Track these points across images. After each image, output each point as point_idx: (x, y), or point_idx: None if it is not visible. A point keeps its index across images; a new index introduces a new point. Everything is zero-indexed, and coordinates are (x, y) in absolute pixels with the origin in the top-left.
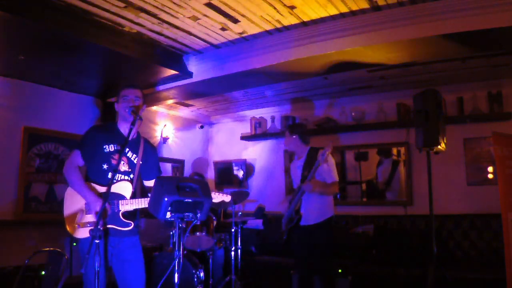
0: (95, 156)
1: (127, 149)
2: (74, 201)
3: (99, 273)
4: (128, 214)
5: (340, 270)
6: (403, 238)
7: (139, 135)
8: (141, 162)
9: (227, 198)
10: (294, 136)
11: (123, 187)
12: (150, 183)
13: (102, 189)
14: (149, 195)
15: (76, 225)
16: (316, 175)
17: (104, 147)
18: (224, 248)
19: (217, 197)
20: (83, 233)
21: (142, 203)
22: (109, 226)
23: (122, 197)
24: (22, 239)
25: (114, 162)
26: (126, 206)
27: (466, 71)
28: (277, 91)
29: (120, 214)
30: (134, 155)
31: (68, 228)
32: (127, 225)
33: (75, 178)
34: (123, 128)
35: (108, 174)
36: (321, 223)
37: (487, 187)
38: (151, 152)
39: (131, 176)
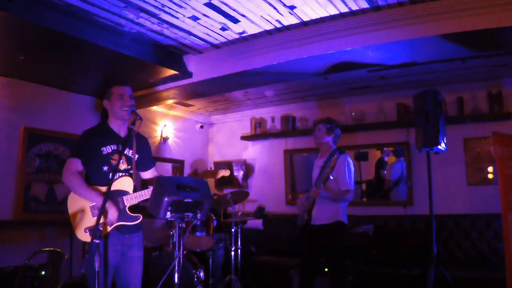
0: (94, 160)
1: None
2: (78, 207)
3: (99, 273)
4: (134, 208)
5: None
6: (403, 238)
7: (129, 128)
8: (137, 156)
9: None
10: (330, 136)
11: (125, 183)
12: (147, 174)
13: (105, 189)
14: (149, 187)
15: (86, 230)
16: (332, 180)
17: (102, 149)
18: (224, 248)
19: None
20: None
21: (146, 194)
22: (119, 223)
23: (126, 193)
24: (22, 239)
25: (113, 162)
26: (131, 200)
27: (466, 71)
28: (277, 91)
29: (127, 209)
30: (130, 150)
31: (78, 235)
32: (137, 218)
33: (78, 184)
34: (116, 126)
35: (109, 175)
36: (329, 225)
37: (487, 187)
38: (143, 143)
39: (131, 171)
